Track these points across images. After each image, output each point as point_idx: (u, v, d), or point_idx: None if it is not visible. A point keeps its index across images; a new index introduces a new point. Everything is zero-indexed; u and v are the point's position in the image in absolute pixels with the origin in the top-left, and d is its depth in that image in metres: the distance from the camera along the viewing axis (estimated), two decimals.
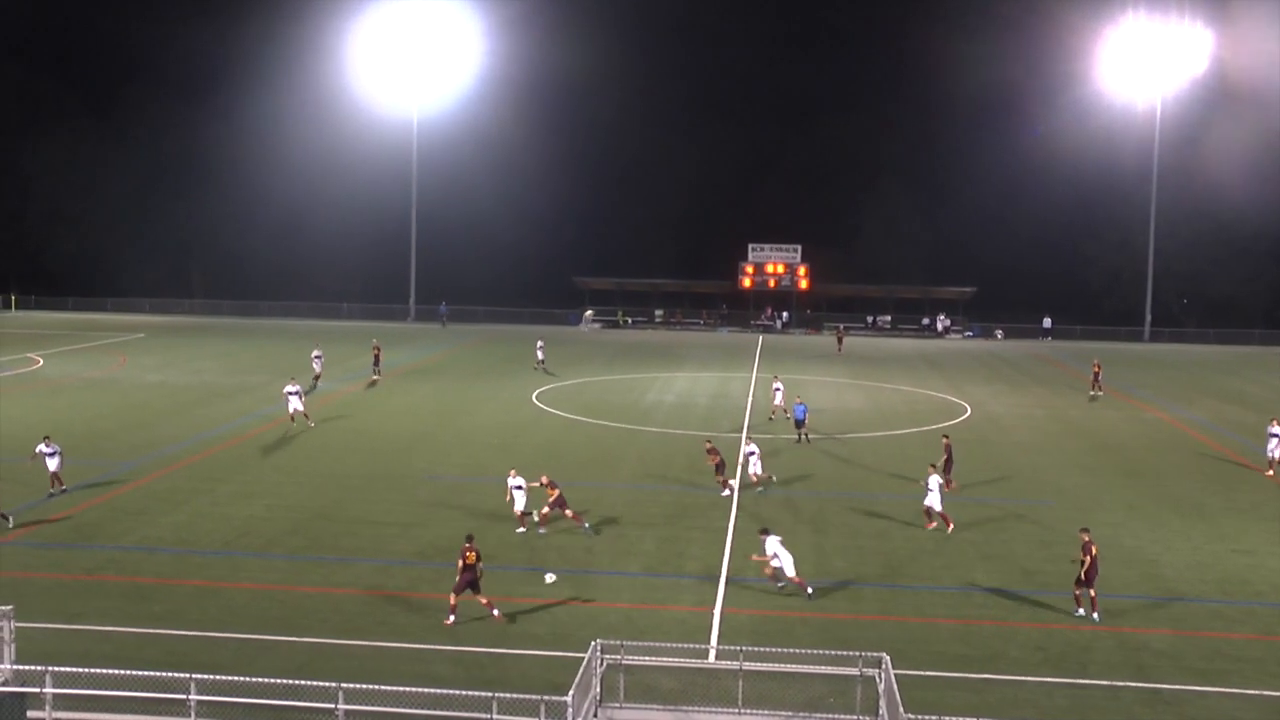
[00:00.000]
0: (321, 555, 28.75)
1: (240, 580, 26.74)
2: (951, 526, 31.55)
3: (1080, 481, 38.93)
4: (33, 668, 17.71)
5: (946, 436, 39.35)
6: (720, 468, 36.10)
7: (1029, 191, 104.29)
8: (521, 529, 30.94)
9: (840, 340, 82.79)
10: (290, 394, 46.26)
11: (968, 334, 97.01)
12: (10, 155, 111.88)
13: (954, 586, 27.19)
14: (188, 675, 17.02)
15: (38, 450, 34.30)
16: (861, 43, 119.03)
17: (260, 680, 17.58)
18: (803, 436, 44.61)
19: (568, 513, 30.86)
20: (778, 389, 50.42)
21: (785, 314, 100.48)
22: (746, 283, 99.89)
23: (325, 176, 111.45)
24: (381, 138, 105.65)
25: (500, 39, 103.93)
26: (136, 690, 17.40)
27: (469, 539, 24.77)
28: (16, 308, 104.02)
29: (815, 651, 20.18)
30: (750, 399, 56.13)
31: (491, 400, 54.54)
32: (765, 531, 27.22)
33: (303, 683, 17.31)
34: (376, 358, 61.43)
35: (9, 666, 18.33)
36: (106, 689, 17.39)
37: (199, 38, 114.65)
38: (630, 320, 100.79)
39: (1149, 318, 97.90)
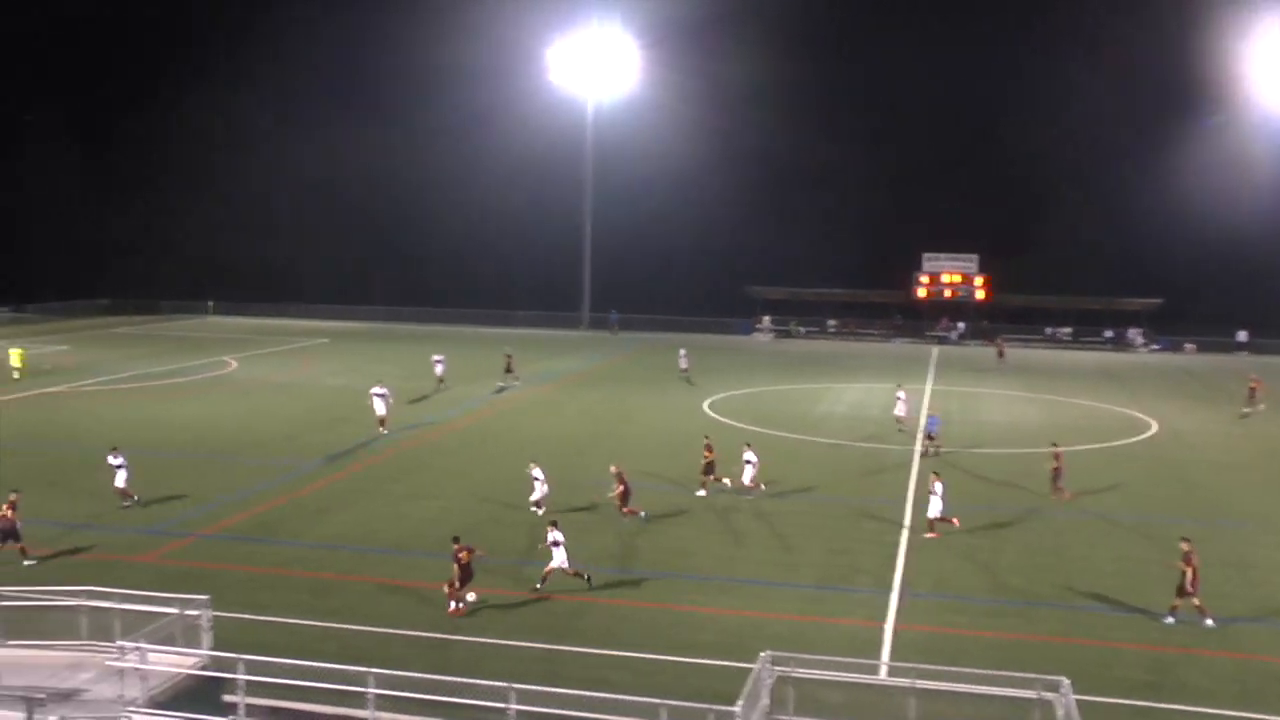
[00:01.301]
0: (496, 559, 29.27)
1: (415, 579, 27.45)
2: (958, 522, 31.89)
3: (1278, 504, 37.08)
4: (228, 655, 18.50)
5: (1055, 444, 38.65)
6: (710, 468, 36.52)
7: (1223, 196, 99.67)
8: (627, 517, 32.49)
9: (1001, 351, 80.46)
10: (377, 395, 46.49)
11: (1154, 347, 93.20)
12: (211, 170, 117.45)
13: (1137, 610, 26.16)
14: (366, 669, 17.52)
15: (108, 461, 34.03)
16: (1040, 47, 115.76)
17: (434, 677, 17.98)
18: (930, 450, 43.54)
19: (625, 509, 32.10)
20: (900, 398, 49.36)
21: (961, 325, 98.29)
22: (921, 293, 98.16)
23: (501, 185, 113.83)
24: (556, 146, 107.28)
25: (672, 48, 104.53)
26: (320, 681, 17.99)
27: (456, 539, 25.62)
28: (213, 313, 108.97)
29: (990, 672, 19.66)
30: (924, 412, 55.09)
31: (662, 408, 54.81)
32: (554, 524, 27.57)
33: (475, 681, 17.63)
34: (509, 366, 62.34)
35: (206, 653, 19.19)
36: (293, 679, 18.01)
37: (375, 49, 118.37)
38: (803, 330, 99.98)
39: None
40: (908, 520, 33.56)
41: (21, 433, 44.73)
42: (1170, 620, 24.73)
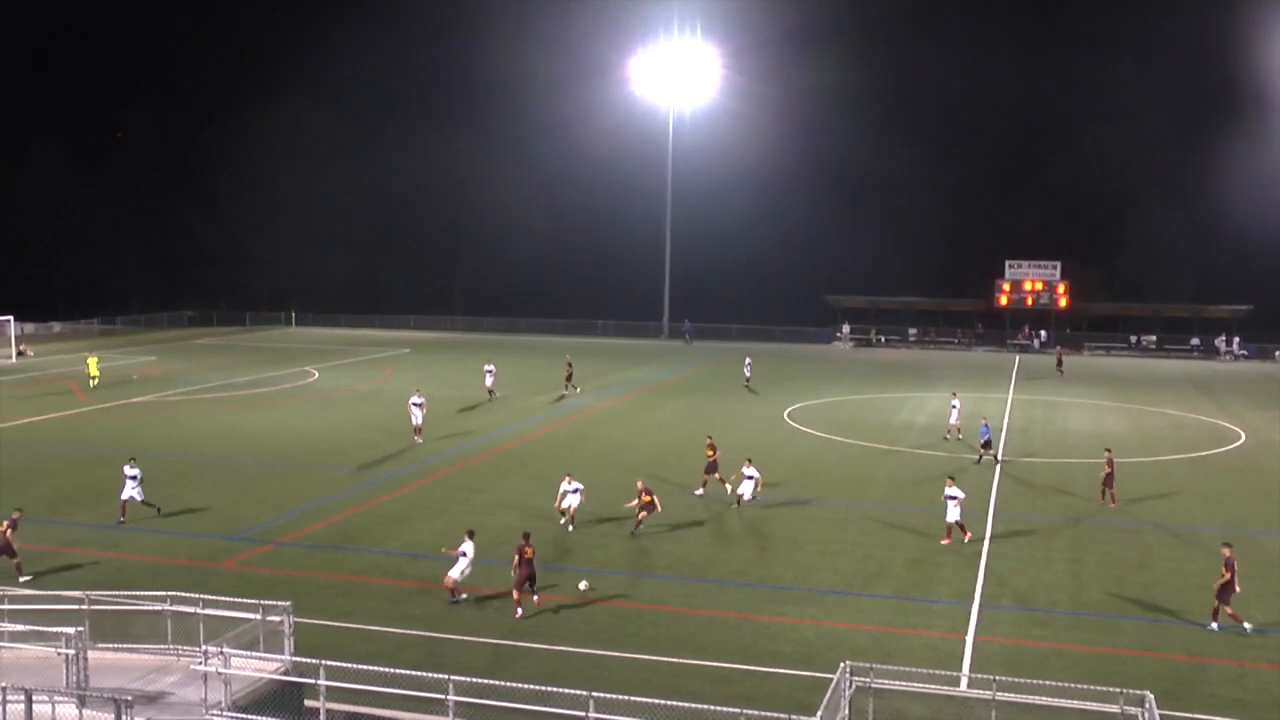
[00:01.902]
0: (575, 566, 29.32)
1: (495, 587, 27.56)
2: (969, 536, 31.43)
3: None
4: (308, 660, 18.72)
5: (1109, 450, 38.09)
6: (712, 467, 37.20)
7: None
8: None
9: (1060, 362, 78.85)
10: (414, 405, 46.78)
11: (1241, 355, 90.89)
12: (293, 183, 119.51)
13: (1226, 625, 25.51)
14: (446, 676, 17.62)
15: (124, 471, 33.94)
16: (1121, 53, 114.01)
17: (514, 685, 18.05)
18: (984, 457, 43.19)
19: (640, 514, 32.12)
20: (955, 407, 48.74)
21: (1043, 333, 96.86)
22: (1003, 300, 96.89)
23: (582, 195, 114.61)
24: (637, 156, 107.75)
25: (753, 58, 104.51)
26: (399, 688, 18.13)
27: (525, 536, 26.06)
28: (295, 324, 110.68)
29: (1073, 685, 19.27)
30: (1006, 421, 54.38)
31: (743, 417, 54.67)
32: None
33: (554, 689, 17.66)
34: (569, 374, 62.91)
35: (288, 658, 19.43)
36: (372, 685, 18.19)
37: (457, 61, 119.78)
38: (883, 339, 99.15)
39: None
40: (989, 530, 33.10)
41: (109, 441, 45.74)
42: (1215, 626, 24.93)
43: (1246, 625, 24.84)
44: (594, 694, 17.01)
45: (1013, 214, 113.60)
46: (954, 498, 31.61)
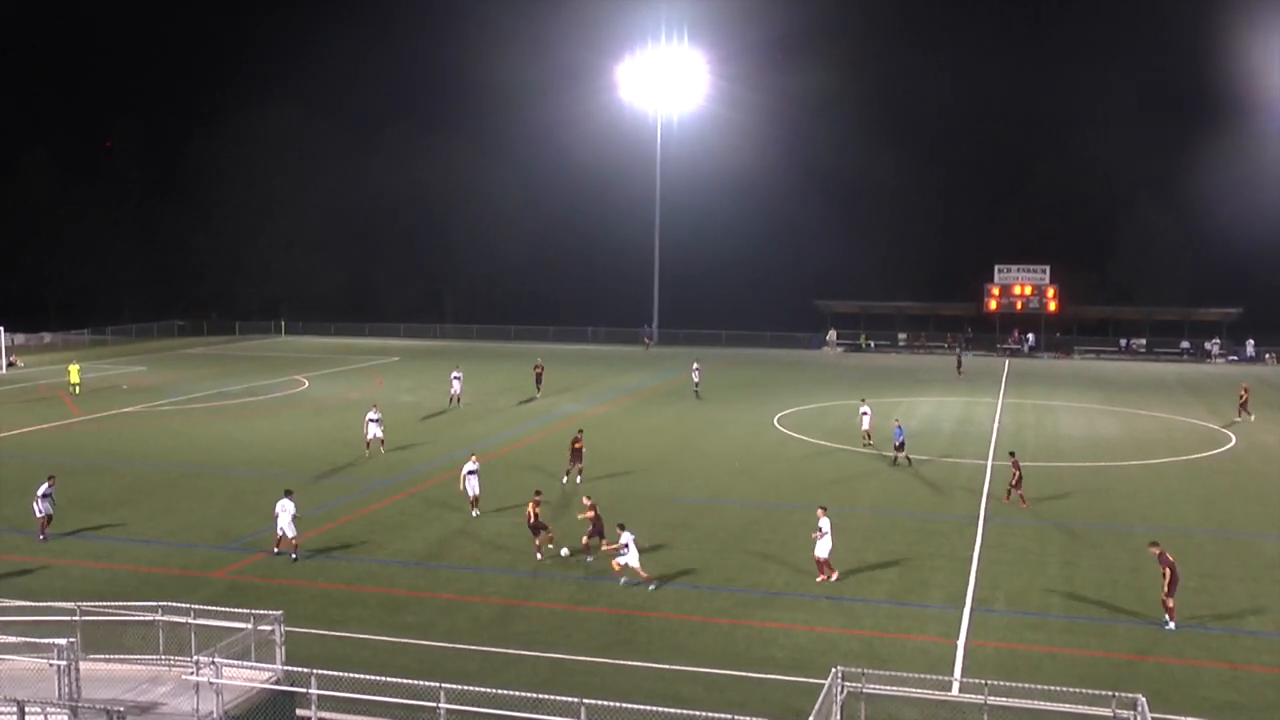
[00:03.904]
0: (567, 573, 29.33)
1: (488, 595, 27.56)
2: (835, 576, 28.38)
3: None
4: (300, 669, 18.71)
5: (1013, 454, 38.54)
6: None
7: None
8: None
9: (960, 362, 79.61)
10: (371, 421, 46.04)
11: (1231, 358, 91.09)
12: (282, 192, 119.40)
13: (1219, 628, 25.57)
14: (438, 684, 17.61)
15: (37, 491, 32.52)
16: (1111, 54, 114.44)
17: (505, 692, 18.04)
18: (898, 459, 43.59)
19: (586, 539, 30.14)
20: (865, 414, 48.68)
21: (1031, 336, 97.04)
22: (992, 305, 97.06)
23: (571, 202, 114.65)
24: (625, 162, 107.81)
25: (740, 64, 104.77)
26: (391, 696, 18.13)
27: (538, 492, 31.66)
28: (285, 333, 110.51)
29: (1065, 689, 19.30)
30: (996, 425, 54.49)
31: (733, 424, 54.69)
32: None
33: (547, 696, 17.65)
34: (539, 377, 63.66)
35: (280, 667, 19.42)
36: (364, 693, 18.17)
37: (445, 69, 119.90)
38: (873, 343, 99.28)
39: None
40: (980, 535, 33.16)
41: (101, 452, 45.65)
42: (1171, 625, 25.18)
43: (1171, 624, 25.14)
44: (585, 701, 17.02)
45: (1002, 218, 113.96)
46: (823, 530, 28.51)
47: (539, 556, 30.20)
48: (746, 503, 37.43)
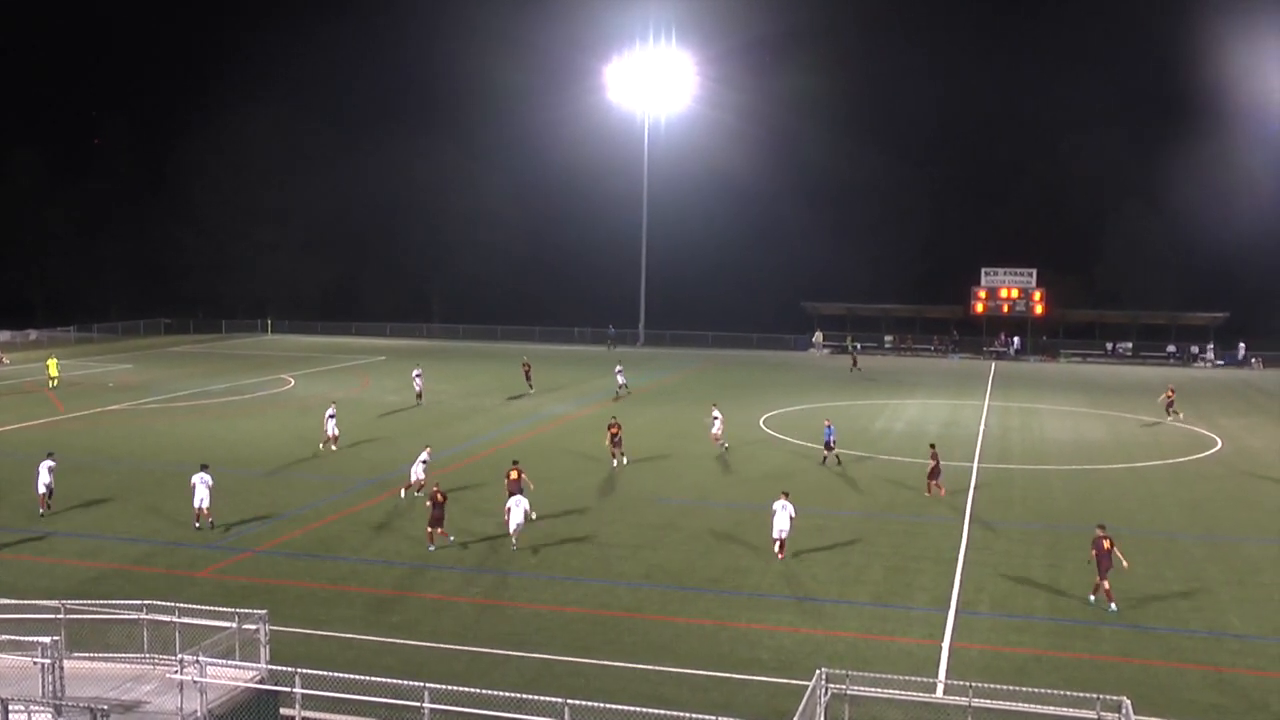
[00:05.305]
0: (552, 574, 29.32)
1: (473, 595, 27.54)
2: (783, 556, 30.42)
3: None
4: (284, 669, 18.67)
5: (933, 446, 40.14)
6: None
7: None
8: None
9: (855, 360, 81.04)
10: (330, 418, 46.93)
11: (1219, 362, 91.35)
12: (269, 191, 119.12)
13: (1203, 631, 25.66)
14: (422, 684, 17.60)
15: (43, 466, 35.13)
16: (1099, 59, 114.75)
17: (490, 693, 18.03)
18: (828, 457, 44.24)
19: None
20: (716, 418, 48.53)
21: (1016, 339, 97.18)
22: (979, 308, 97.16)
23: (559, 202, 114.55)
24: (613, 163, 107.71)
25: (728, 65, 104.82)
26: (375, 695, 18.11)
27: (436, 485, 32.58)
28: (272, 331, 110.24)
29: (1049, 691, 19.34)
30: (983, 427, 54.61)
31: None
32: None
33: (531, 697, 17.65)
34: (527, 374, 65.33)
35: (264, 666, 19.38)
36: (349, 693, 18.15)
37: (433, 69, 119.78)
38: (859, 346, 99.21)
39: None
40: (965, 538, 33.23)
41: (86, 449, 45.49)
42: (1093, 599, 27.08)
43: (1113, 607, 26.58)
44: (569, 701, 17.03)
45: (990, 221, 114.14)
46: (786, 510, 30.50)
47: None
48: (732, 504, 37.45)
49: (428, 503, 32.36)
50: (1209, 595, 28.14)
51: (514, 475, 34.46)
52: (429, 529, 31.74)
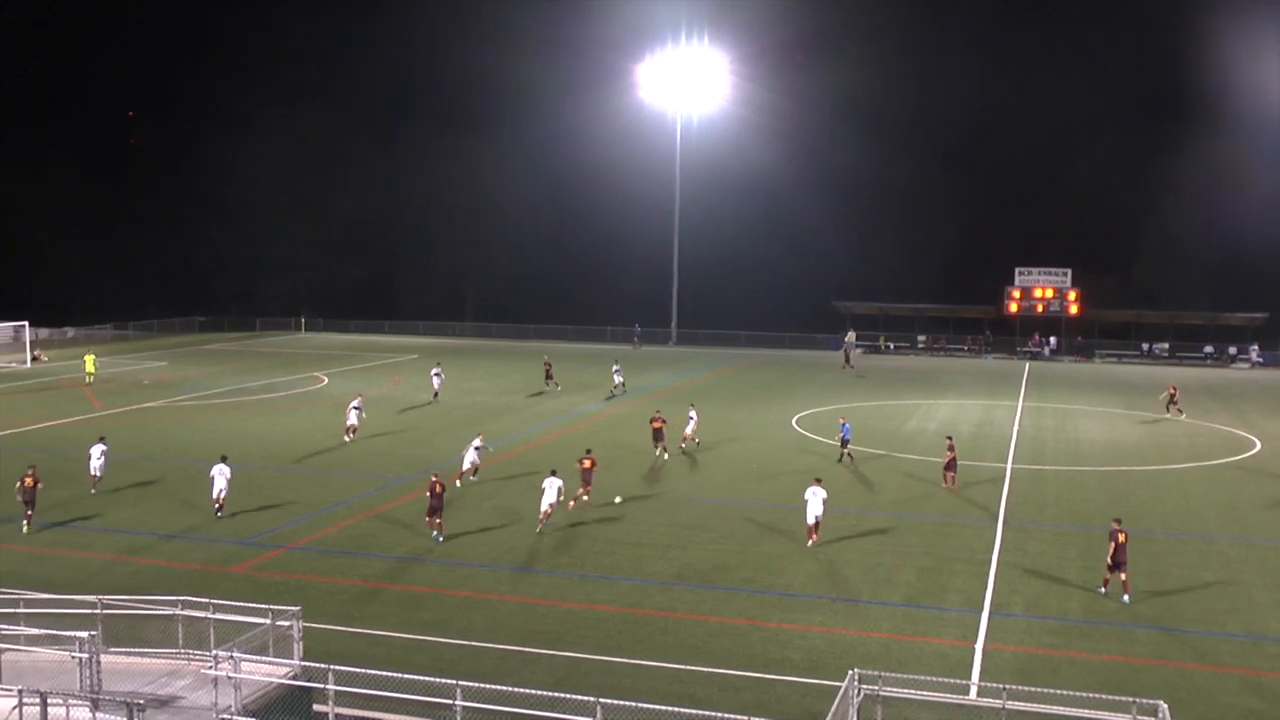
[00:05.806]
0: (584, 573, 29.35)
1: (504, 593, 27.60)
2: (815, 540, 31.68)
3: None
4: (318, 665, 18.76)
5: (950, 439, 41.48)
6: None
7: None
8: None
9: (846, 354, 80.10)
10: (354, 409, 48.46)
11: (1258, 362, 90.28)
12: (312, 190, 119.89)
13: (1241, 634, 25.39)
14: (454, 682, 17.64)
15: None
16: (1135, 57, 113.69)
17: (521, 691, 18.06)
18: (844, 456, 44.61)
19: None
20: (691, 418, 48.23)
21: (1052, 340, 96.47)
22: (1013, 308, 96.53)
23: (591, 201, 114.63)
24: (645, 163, 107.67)
25: (761, 64, 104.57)
26: (407, 693, 18.17)
27: (435, 475, 33.18)
28: (305, 329, 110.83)
29: (1084, 694, 19.18)
30: (1016, 428, 54.26)
31: (753, 424, 54.59)
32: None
33: (563, 695, 17.66)
34: (548, 373, 65.88)
35: (298, 663, 19.49)
36: (381, 690, 18.22)
37: (468, 69, 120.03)
38: (892, 345, 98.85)
39: None
40: (999, 539, 33.03)
41: (123, 446, 45.79)
42: (1103, 590, 27.74)
43: (1126, 598, 27.19)
44: (601, 700, 17.02)
45: (1023, 220, 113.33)
46: (820, 497, 31.90)
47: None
48: (764, 504, 37.37)
49: (427, 493, 32.56)
50: (1246, 598, 27.85)
51: (587, 464, 36.02)
52: (427, 518, 32.44)
